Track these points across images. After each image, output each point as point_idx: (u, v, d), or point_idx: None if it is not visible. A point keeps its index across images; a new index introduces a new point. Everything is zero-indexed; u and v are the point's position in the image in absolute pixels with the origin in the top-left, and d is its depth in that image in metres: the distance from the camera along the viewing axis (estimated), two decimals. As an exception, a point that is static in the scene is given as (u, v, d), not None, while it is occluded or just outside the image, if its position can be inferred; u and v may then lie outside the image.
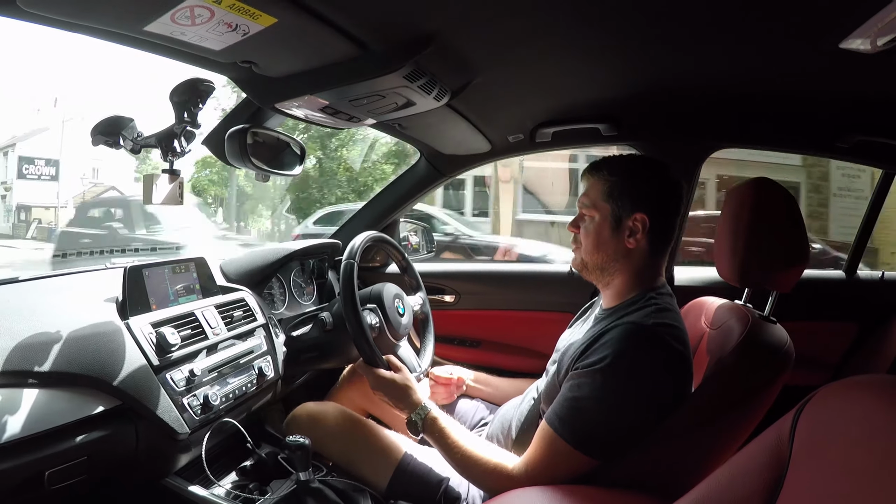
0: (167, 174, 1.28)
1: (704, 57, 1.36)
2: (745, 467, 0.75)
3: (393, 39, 1.18)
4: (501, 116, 1.88)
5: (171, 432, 1.25)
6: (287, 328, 1.79)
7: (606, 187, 1.32)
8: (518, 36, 1.23)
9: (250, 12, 0.96)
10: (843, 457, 0.63)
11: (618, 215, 1.30)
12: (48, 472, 1.04)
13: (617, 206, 1.30)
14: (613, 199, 1.30)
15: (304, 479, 1.29)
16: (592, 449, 1.15)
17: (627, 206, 1.29)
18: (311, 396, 1.91)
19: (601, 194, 1.32)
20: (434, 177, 2.38)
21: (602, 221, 1.32)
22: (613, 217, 1.30)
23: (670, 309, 1.28)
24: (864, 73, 1.34)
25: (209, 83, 1.22)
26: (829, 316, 2.21)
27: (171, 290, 1.48)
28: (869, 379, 0.69)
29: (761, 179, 1.33)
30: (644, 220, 1.28)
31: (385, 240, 1.82)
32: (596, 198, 1.33)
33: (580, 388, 1.18)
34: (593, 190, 1.34)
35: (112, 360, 1.21)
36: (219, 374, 1.42)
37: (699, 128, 1.95)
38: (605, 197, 1.31)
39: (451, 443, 1.31)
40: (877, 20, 0.98)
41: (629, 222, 1.29)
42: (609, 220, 1.31)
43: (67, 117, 21.72)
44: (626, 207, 1.29)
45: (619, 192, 1.30)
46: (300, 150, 1.72)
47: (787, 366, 1.21)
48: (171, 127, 1.26)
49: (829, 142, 1.90)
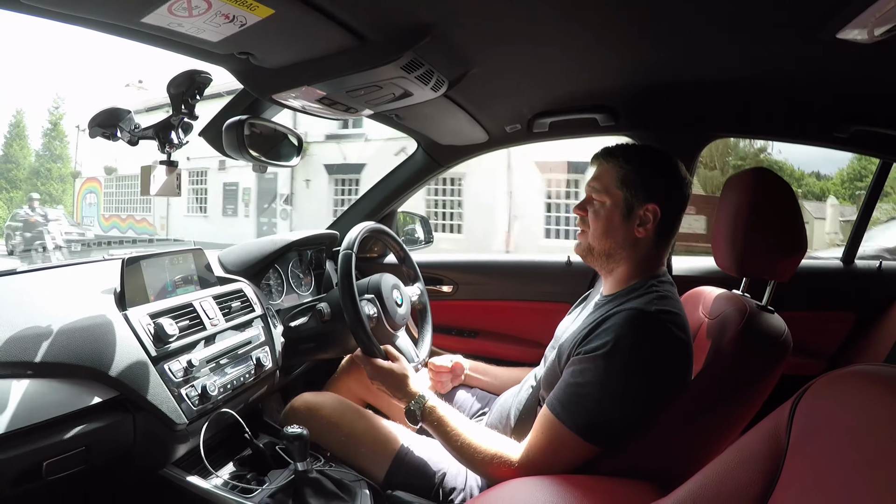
0: (165, 165, 1.28)
1: (701, 47, 1.36)
2: (743, 456, 0.76)
3: (390, 30, 1.18)
4: (499, 107, 1.88)
5: (168, 423, 1.25)
6: (285, 319, 1.79)
7: (621, 174, 1.32)
8: (515, 26, 1.23)
9: (247, 3, 0.96)
10: (841, 446, 0.63)
11: (630, 203, 1.30)
12: (46, 463, 1.04)
13: (631, 194, 1.30)
14: (627, 187, 1.30)
15: (301, 469, 1.30)
16: (594, 435, 1.16)
17: (641, 196, 1.30)
18: (309, 387, 1.92)
19: (615, 180, 1.32)
20: (431, 167, 2.38)
21: (613, 207, 1.32)
22: (626, 204, 1.31)
23: (671, 296, 1.28)
24: (861, 63, 1.34)
25: (206, 74, 1.22)
26: (827, 305, 2.21)
27: (169, 280, 1.48)
28: (866, 368, 0.70)
29: (759, 169, 1.33)
30: (655, 211, 1.29)
31: (383, 230, 1.82)
32: (609, 183, 1.33)
33: (582, 374, 1.18)
34: (607, 175, 1.34)
35: (110, 350, 1.21)
36: (217, 364, 1.42)
37: (696, 118, 1.95)
38: (619, 184, 1.31)
39: (451, 431, 1.32)
40: (874, 10, 0.97)
41: (640, 211, 1.30)
42: (621, 207, 1.31)
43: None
44: (640, 197, 1.30)
45: (633, 180, 1.30)
46: (297, 140, 1.72)
47: (785, 355, 1.21)
48: (169, 118, 1.26)
49: (826, 131, 1.90)
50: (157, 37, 1.11)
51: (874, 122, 1.80)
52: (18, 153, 25.40)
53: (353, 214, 2.47)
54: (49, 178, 25.05)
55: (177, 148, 1.28)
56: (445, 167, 2.39)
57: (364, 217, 2.41)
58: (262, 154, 1.55)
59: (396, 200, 2.47)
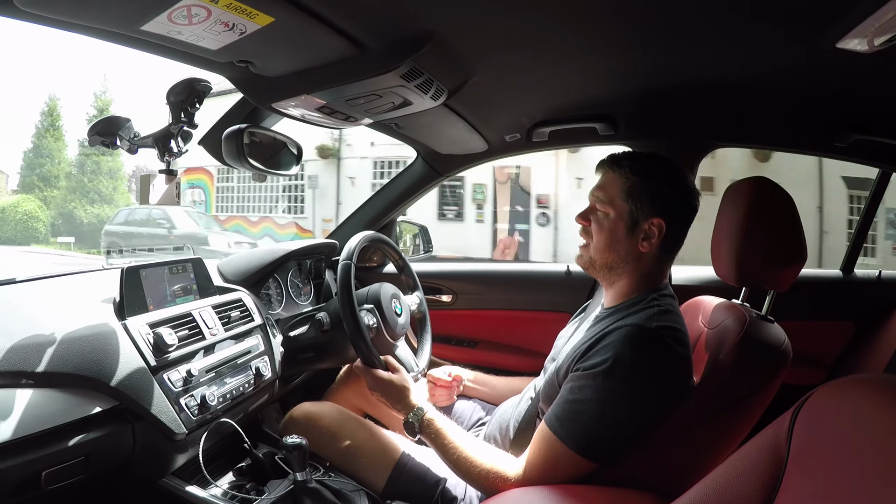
0: (164, 174, 1.28)
1: (702, 56, 1.36)
2: (743, 467, 0.76)
3: (390, 39, 1.18)
4: (498, 116, 1.88)
5: (168, 433, 1.24)
6: (284, 328, 1.79)
7: (627, 186, 1.28)
8: (515, 35, 1.23)
9: (247, 11, 0.96)
10: (841, 456, 0.63)
11: (635, 217, 1.27)
12: (45, 473, 1.04)
13: (636, 206, 1.27)
14: (633, 200, 1.27)
15: (301, 480, 1.29)
16: (592, 453, 1.15)
17: (647, 209, 1.26)
18: (308, 396, 1.92)
19: (620, 192, 1.28)
20: (431, 176, 2.38)
21: (617, 220, 1.28)
22: (631, 217, 1.27)
23: (672, 311, 1.26)
24: (861, 73, 1.35)
25: (206, 83, 1.22)
26: (827, 315, 2.21)
27: (168, 290, 1.48)
28: (866, 378, 0.70)
29: (759, 178, 1.33)
30: (661, 225, 1.26)
31: (382, 240, 1.82)
32: (614, 194, 1.29)
33: (581, 391, 1.17)
34: (612, 186, 1.30)
35: (109, 360, 1.20)
36: (216, 374, 1.41)
37: (696, 127, 1.95)
38: (625, 196, 1.28)
39: (448, 444, 1.31)
40: (874, 20, 0.98)
41: (645, 226, 1.26)
42: (626, 220, 1.28)
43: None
44: (645, 210, 1.26)
45: (639, 192, 1.27)
46: (297, 149, 1.72)
47: (785, 365, 1.20)
48: (168, 127, 1.26)
49: (826, 141, 1.90)
50: (156, 45, 1.11)
51: (874, 131, 1.80)
52: (52, 145, 20.85)
53: (352, 224, 2.48)
54: (98, 172, 20.36)
55: (176, 157, 1.28)
56: (445, 176, 2.40)
57: (363, 226, 2.41)
58: (261, 163, 1.55)
59: (396, 210, 2.47)
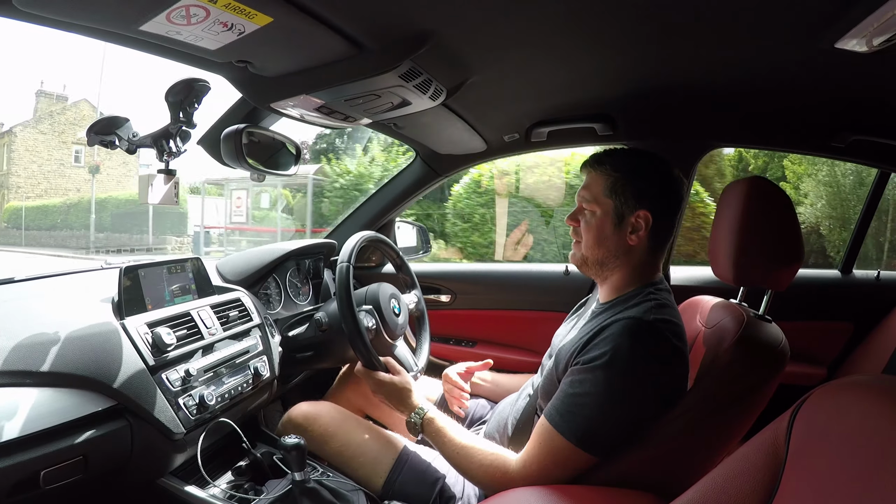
0: (163, 174, 1.28)
1: (699, 56, 1.36)
2: (741, 467, 0.76)
3: (388, 39, 1.18)
4: (497, 116, 1.88)
5: (166, 432, 1.25)
6: (283, 328, 1.79)
7: (609, 182, 1.30)
8: (513, 35, 1.23)
9: (246, 11, 0.96)
10: (840, 456, 0.63)
11: (620, 212, 1.29)
12: (43, 472, 1.04)
13: (620, 202, 1.28)
14: (616, 195, 1.29)
15: (299, 479, 1.29)
16: (592, 446, 1.15)
17: (631, 203, 1.28)
18: (306, 396, 1.91)
19: (603, 189, 1.30)
20: (430, 176, 2.39)
21: (604, 217, 1.30)
22: (616, 213, 1.29)
23: (669, 304, 1.27)
24: (860, 73, 1.35)
25: (204, 83, 1.22)
26: (825, 315, 2.22)
27: (167, 290, 1.48)
28: (865, 379, 0.70)
29: (756, 178, 1.33)
30: (647, 217, 1.27)
31: (380, 239, 1.82)
32: (598, 193, 1.31)
33: (581, 385, 1.17)
34: (595, 184, 1.32)
35: (108, 360, 1.21)
36: (214, 374, 1.42)
37: (694, 127, 1.96)
38: (608, 192, 1.30)
39: (449, 441, 1.32)
40: (873, 20, 0.98)
41: (632, 219, 1.28)
42: (611, 216, 1.29)
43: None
44: (630, 204, 1.28)
45: (622, 188, 1.28)
46: (296, 149, 1.72)
47: (782, 364, 1.20)
48: (167, 127, 1.26)
49: (824, 141, 1.90)
50: (155, 45, 1.11)
51: (872, 131, 1.80)
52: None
53: (350, 224, 2.48)
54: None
55: (175, 156, 1.28)
56: (443, 176, 2.40)
57: (362, 226, 2.41)
58: (260, 163, 1.55)
59: (394, 210, 2.47)
